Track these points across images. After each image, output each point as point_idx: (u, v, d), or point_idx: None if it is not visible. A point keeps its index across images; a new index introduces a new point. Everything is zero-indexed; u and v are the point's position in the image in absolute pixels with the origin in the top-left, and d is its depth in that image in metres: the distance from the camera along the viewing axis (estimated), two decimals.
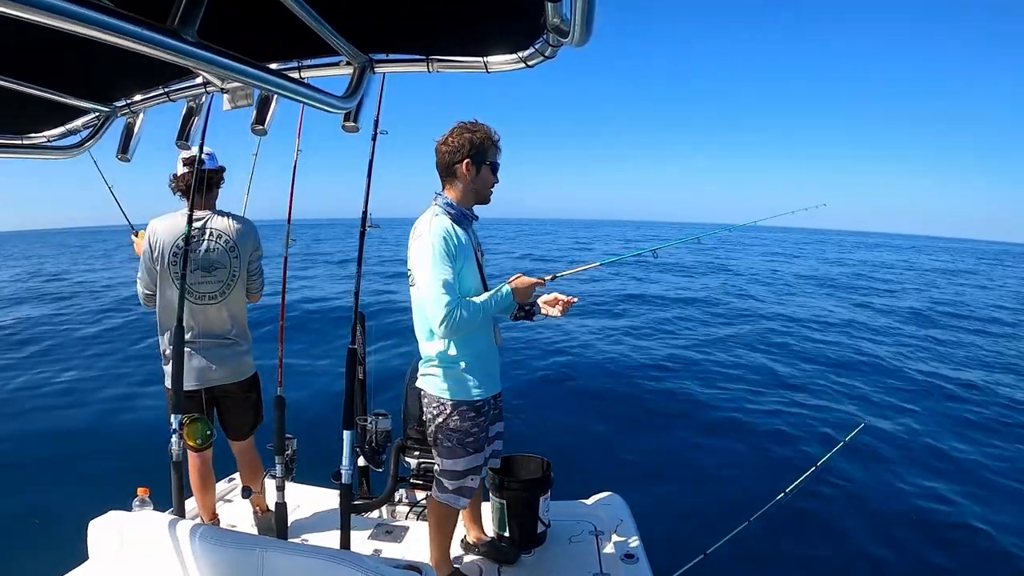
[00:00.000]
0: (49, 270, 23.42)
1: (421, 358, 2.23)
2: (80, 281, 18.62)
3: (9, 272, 23.35)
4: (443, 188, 2.16)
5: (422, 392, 2.24)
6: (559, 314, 2.19)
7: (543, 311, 2.23)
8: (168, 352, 2.66)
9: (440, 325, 1.96)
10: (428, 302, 1.98)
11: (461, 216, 2.12)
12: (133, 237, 2.89)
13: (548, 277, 2.25)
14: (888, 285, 18.41)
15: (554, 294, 2.22)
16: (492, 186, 2.17)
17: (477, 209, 2.20)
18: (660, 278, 17.71)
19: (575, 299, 2.21)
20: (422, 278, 2.00)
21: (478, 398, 2.15)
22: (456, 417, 2.14)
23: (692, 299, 13.90)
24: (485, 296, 2.06)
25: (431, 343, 2.15)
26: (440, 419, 2.16)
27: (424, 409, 2.25)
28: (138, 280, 2.74)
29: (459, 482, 2.21)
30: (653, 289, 15.46)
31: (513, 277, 2.14)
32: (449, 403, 2.14)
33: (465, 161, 2.08)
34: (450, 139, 2.09)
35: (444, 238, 2.00)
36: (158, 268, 2.64)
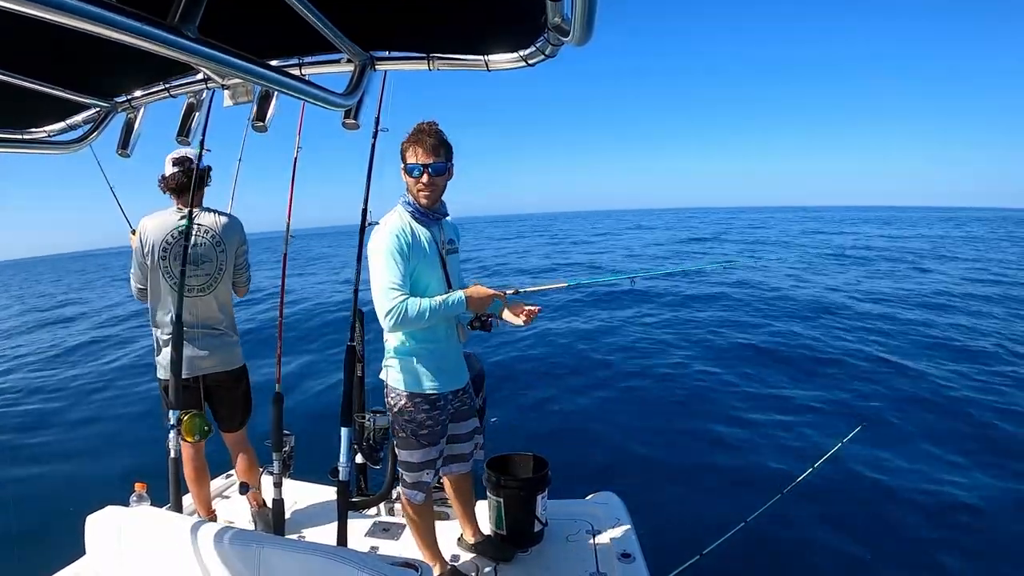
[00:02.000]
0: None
1: (385, 350, 2.27)
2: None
3: None
4: None
5: (384, 383, 2.29)
6: (523, 323, 2.23)
7: (507, 319, 2.26)
8: (162, 342, 2.75)
9: (384, 317, 2.00)
10: (375, 295, 2.03)
11: (421, 215, 2.17)
12: (131, 235, 2.96)
13: (509, 291, 2.28)
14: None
15: (519, 303, 2.26)
16: (416, 188, 2.14)
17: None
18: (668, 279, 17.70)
19: (538, 308, 2.26)
20: (372, 272, 2.06)
21: (432, 391, 2.20)
22: (411, 408, 2.19)
23: (697, 297, 13.88)
24: (437, 298, 2.08)
25: (390, 335, 2.20)
26: (396, 408, 2.22)
27: (385, 399, 2.31)
28: (131, 276, 2.82)
29: (415, 475, 2.25)
30: (658, 288, 15.43)
31: (472, 286, 2.17)
32: (404, 394, 2.20)
33: (401, 168, 2.16)
34: None
35: (396, 235, 2.05)
36: (149, 263, 2.72)
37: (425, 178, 2.10)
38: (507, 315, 2.25)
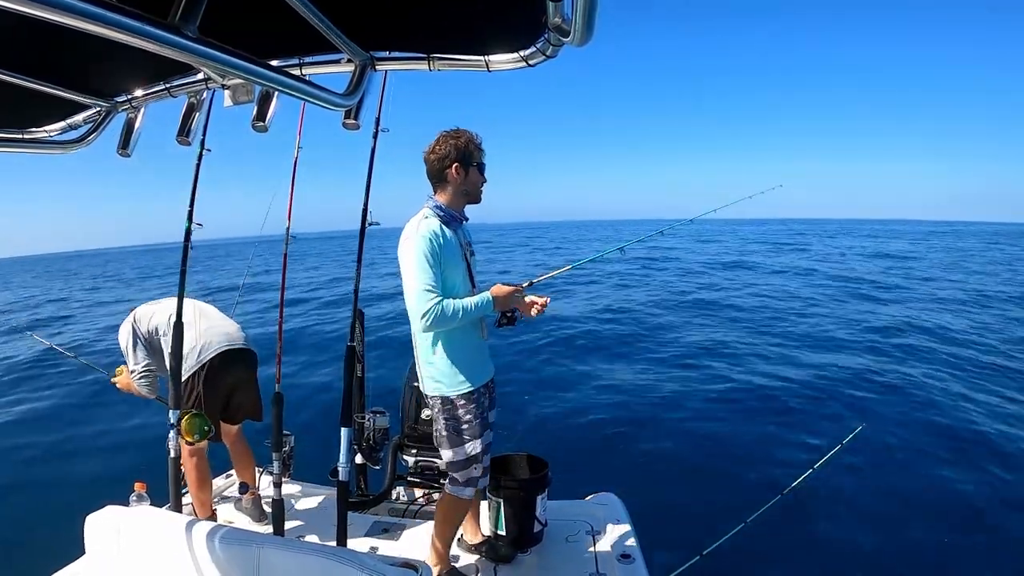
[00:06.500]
0: None
1: (416, 358, 2.32)
2: None
3: None
4: (434, 192, 2.29)
5: (424, 394, 2.33)
6: (535, 315, 2.36)
7: (521, 312, 2.37)
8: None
9: (420, 319, 2.07)
10: (411, 298, 2.10)
11: (450, 218, 2.24)
12: (113, 379, 2.95)
13: (525, 284, 2.39)
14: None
15: (530, 298, 2.36)
16: (482, 185, 2.30)
17: (470, 209, 2.33)
18: (664, 276, 17.72)
19: (547, 299, 2.37)
20: (407, 276, 2.11)
21: (471, 389, 2.25)
22: (450, 406, 2.24)
23: (694, 297, 13.90)
24: (468, 300, 2.16)
25: (423, 344, 2.26)
26: (436, 411, 2.27)
27: (427, 408, 2.36)
28: (135, 374, 2.80)
29: (465, 472, 2.28)
30: (657, 285, 15.45)
31: (494, 286, 2.25)
32: (446, 398, 2.24)
33: (454, 165, 2.21)
34: (437, 148, 2.23)
35: (429, 239, 2.11)
36: (158, 333, 2.79)
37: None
38: (521, 309, 2.35)
